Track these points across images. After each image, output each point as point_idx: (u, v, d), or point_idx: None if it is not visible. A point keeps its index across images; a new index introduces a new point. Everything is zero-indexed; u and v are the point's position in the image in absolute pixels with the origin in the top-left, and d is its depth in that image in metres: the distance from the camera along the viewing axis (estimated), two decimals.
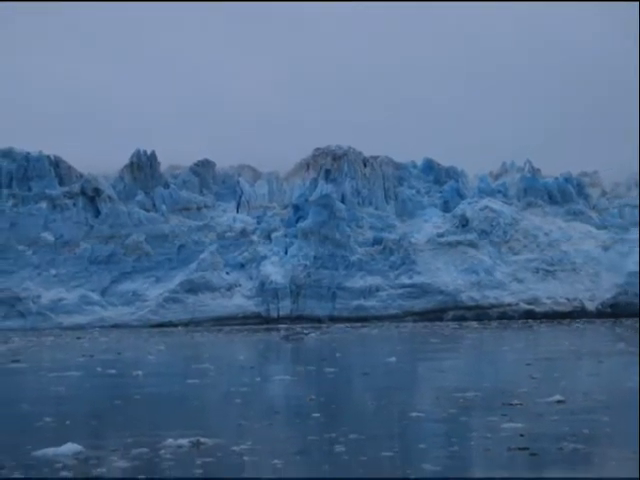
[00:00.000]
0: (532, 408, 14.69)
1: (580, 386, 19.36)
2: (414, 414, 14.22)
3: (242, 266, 76.13)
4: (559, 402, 15.25)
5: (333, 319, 72.13)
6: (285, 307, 73.00)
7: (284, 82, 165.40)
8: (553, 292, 75.25)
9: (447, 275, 74.55)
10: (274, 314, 72.91)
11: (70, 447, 10.64)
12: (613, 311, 73.89)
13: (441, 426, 13.49)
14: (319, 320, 71.78)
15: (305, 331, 54.12)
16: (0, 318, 70.68)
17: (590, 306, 74.87)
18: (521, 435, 11.55)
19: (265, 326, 68.35)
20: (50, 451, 10.55)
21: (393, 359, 27.37)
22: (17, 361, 30.16)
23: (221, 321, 71.54)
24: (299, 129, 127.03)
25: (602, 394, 17.07)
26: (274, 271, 73.93)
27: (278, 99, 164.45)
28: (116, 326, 69.68)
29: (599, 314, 73.63)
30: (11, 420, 15.61)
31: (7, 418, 15.97)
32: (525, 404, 15.18)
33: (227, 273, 75.35)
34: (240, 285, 74.60)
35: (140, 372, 24.34)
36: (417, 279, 74.01)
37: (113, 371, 25.23)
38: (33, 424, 13.94)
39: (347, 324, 67.15)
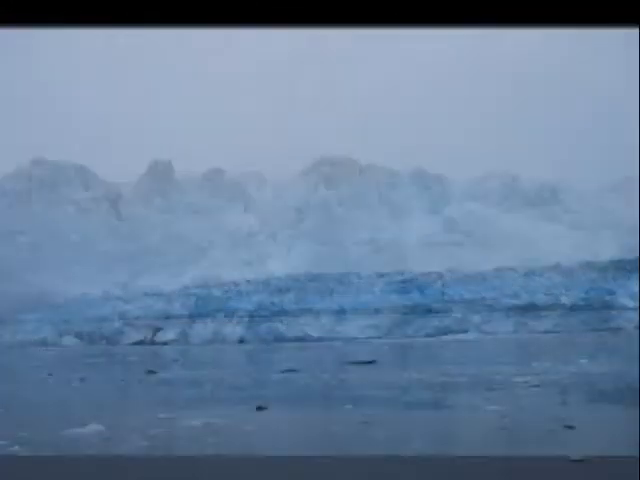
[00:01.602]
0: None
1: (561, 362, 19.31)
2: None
3: (249, 264, 76.20)
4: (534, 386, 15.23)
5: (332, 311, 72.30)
6: (289, 300, 73.24)
7: (288, 98, 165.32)
8: (532, 287, 75.51)
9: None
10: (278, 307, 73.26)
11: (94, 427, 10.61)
12: (585, 304, 74.22)
13: None
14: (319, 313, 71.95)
15: None
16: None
17: (565, 300, 75.13)
18: None
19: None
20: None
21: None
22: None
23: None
24: (302, 140, 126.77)
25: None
26: (278, 268, 74.00)
27: (283, 113, 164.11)
28: (138, 318, 69.90)
29: (573, 307, 73.97)
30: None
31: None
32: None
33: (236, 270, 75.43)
34: (248, 280, 74.80)
35: None
36: (407, 275, 74.19)
37: None
38: None
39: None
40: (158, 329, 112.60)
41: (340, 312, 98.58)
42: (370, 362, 27.48)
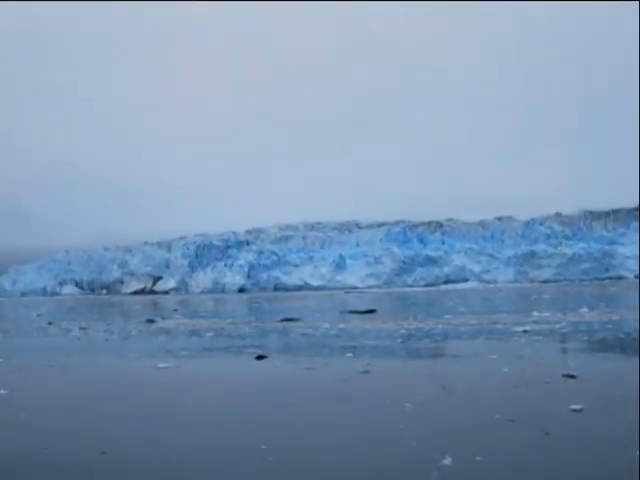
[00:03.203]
0: None
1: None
2: None
3: None
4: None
5: None
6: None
7: None
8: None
9: None
10: None
11: None
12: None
13: None
14: None
15: None
16: None
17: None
18: None
19: None
20: None
21: None
22: None
23: None
24: None
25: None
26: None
27: None
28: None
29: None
30: None
31: None
32: None
33: None
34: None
35: None
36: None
37: None
38: None
39: None
40: (158, 278, 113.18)
41: (340, 261, 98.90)
42: (370, 311, 27.61)
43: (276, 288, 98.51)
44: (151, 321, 25.90)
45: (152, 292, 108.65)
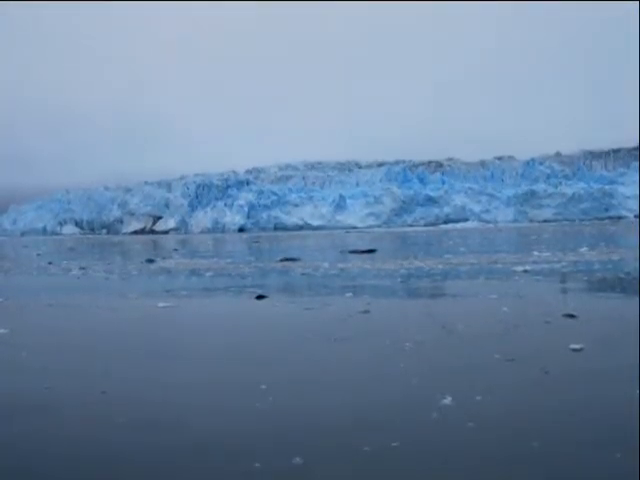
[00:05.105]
0: None
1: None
2: None
3: None
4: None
5: None
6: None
7: None
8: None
9: None
10: None
11: None
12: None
13: None
14: None
15: None
16: None
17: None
18: None
19: None
20: None
21: None
22: None
23: None
24: None
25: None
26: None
27: None
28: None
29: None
30: None
31: None
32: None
33: None
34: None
35: None
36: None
37: None
38: None
39: None
40: (158, 218, 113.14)
41: (340, 201, 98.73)
42: (370, 251, 27.62)
43: (276, 228, 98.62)
44: (151, 261, 25.92)
45: (152, 232, 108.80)
